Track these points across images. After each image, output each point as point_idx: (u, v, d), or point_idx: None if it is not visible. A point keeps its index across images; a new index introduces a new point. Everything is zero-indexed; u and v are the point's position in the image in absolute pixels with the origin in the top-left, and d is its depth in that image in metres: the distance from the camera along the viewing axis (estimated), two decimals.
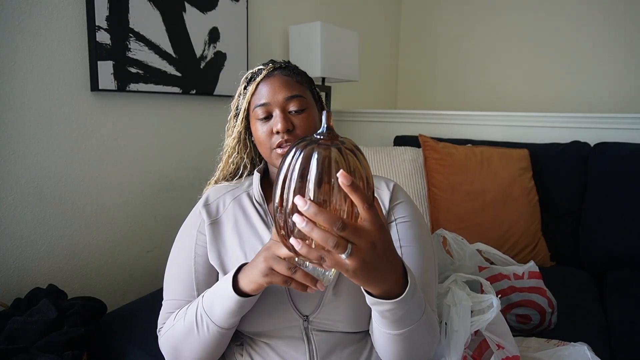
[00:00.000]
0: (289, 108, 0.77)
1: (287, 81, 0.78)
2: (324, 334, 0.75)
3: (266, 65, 0.81)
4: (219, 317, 0.68)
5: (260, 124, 0.78)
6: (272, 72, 0.79)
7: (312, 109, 0.80)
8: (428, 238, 0.81)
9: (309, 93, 0.82)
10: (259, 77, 0.79)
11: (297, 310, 0.73)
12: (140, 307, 1.18)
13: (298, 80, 0.79)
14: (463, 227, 1.61)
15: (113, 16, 1.29)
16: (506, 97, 2.58)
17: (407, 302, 0.58)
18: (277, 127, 0.75)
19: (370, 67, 2.63)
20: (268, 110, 0.77)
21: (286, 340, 0.75)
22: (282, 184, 0.50)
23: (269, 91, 0.77)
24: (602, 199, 1.61)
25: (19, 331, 0.93)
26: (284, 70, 0.80)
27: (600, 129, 1.79)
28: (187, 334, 0.71)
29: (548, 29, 2.40)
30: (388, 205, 0.80)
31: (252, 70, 0.82)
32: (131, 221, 1.46)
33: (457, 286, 0.88)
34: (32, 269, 1.21)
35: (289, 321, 0.74)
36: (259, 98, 0.78)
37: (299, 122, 0.76)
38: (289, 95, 0.77)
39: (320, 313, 0.73)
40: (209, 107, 1.68)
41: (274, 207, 0.52)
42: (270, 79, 0.78)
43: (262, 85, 0.78)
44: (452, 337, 0.78)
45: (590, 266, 1.62)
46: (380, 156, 1.85)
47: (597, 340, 1.12)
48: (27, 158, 1.18)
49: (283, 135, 0.75)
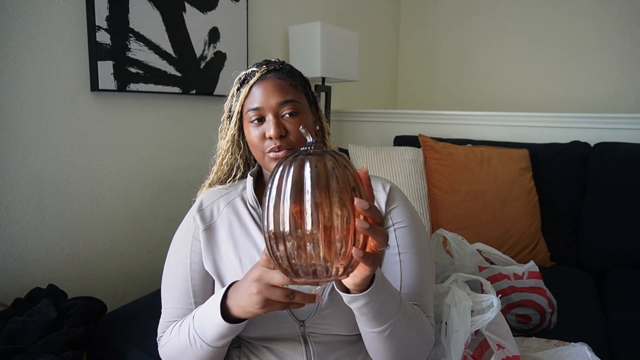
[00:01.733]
0: (282, 112, 0.75)
1: (281, 85, 0.76)
2: (321, 337, 0.75)
3: (259, 66, 0.79)
4: (212, 339, 0.68)
5: (253, 127, 0.76)
6: (265, 75, 0.77)
7: (305, 113, 0.78)
8: (426, 242, 0.81)
9: (303, 96, 0.80)
10: (252, 79, 0.77)
11: (293, 316, 0.73)
12: (140, 307, 1.17)
13: (292, 84, 0.77)
14: (463, 227, 1.61)
15: (113, 16, 1.29)
16: (506, 97, 2.58)
17: (379, 293, 0.60)
18: (270, 132, 0.73)
19: (370, 67, 2.63)
20: (261, 114, 0.76)
21: (284, 342, 0.75)
22: (276, 206, 0.46)
23: (262, 95, 0.75)
24: (602, 199, 1.61)
25: (19, 331, 0.93)
26: (277, 72, 0.78)
27: (600, 129, 1.79)
28: (183, 351, 0.72)
29: (548, 29, 2.40)
30: (385, 209, 0.79)
31: (246, 71, 0.80)
32: (131, 221, 1.46)
33: (458, 286, 0.88)
34: (32, 269, 1.21)
35: (286, 327, 0.74)
36: (252, 102, 0.76)
37: (292, 126, 0.75)
38: (282, 100, 0.75)
39: (316, 318, 0.73)
40: (209, 107, 1.68)
41: (267, 231, 0.48)
42: (263, 82, 0.76)
43: (255, 88, 0.76)
44: (452, 337, 0.78)
45: (590, 266, 1.62)
46: (380, 156, 1.85)
47: (597, 340, 1.12)
48: (27, 158, 1.18)
49: (276, 142, 0.74)
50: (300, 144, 0.75)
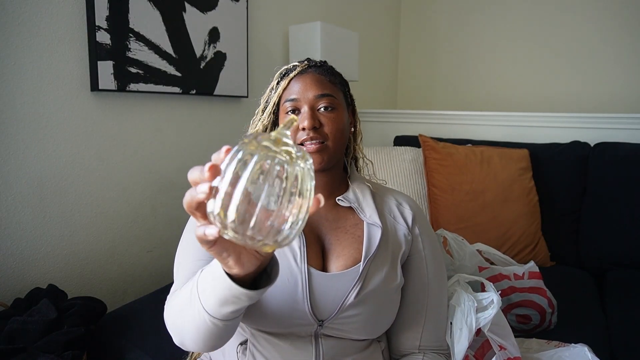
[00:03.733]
0: (318, 106, 0.76)
1: (320, 79, 0.78)
2: (333, 340, 0.74)
3: (302, 62, 0.81)
4: (211, 305, 0.55)
5: None
6: (306, 70, 0.79)
7: (341, 111, 0.79)
8: (444, 267, 0.87)
9: (341, 95, 0.81)
10: (292, 72, 0.79)
11: (313, 316, 0.71)
12: (140, 307, 1.17)
13: (331, 80, 0.79)
14: (463, 227, 1.61)
15: (113, 16, 1.29)
16: (506, 97, 2.58)
17: None
18: (304, 123, 0.74)
19: (370, 67, 2.63)
20: (297, 106, 0.77)
21: (294, 341, 0.73)
22: None
23: (300, 87, 0.77)
24: (602, 199, 1.62)
25: (19, 331, 0.93)
26: (318, 68, 0.80)
27: (600, 129, 1.80)
28: (181, 312, 0.62)
29: (548, 29, 2.40)
30: (411, 234, 0.82)
31: (287, 66, 0.82)
32: (131, 221, 1.46)
33: (460, 286, 0.88)
34: (32, 269, 1.21)
35: (302, 325, 0.72)
36: (290, 93, 0.78)
37: (326, 120, 0.76)
38: (320, 93, 0.76)
39: (336, 319, 0.72)
40: (209, 107, 1.68)
41: None
42: (303, 76, 0.78)
43: (295, 81, 0.78)
44: (456, 336, 0.79)
45: (590, 266, 1.62)
46: (380, 156, 1.85)
47: (597, 340, 1.12)
48: (27, 158, 1.18)
49: (309, 133, 0.74)
50: (334, 140, 0.76)
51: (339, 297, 0.71)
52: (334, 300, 0.71)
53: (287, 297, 0.71)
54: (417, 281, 0.81)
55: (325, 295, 0.72)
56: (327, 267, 0.75)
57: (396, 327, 0.81)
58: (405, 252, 0.80)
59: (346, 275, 0.73)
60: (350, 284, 0.72)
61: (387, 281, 0.75)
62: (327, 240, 0.78)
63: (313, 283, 0.72)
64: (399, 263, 0.78)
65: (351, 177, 0.85)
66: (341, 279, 0.73)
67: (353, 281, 0.72)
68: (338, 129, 0.77)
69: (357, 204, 0.80)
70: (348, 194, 0.81)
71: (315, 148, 0.74)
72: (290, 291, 0.71)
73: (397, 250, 0.79)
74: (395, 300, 0.78)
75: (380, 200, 0.84)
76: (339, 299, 0.71)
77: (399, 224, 0.81)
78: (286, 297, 0.71)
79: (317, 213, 0.79)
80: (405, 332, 0.80)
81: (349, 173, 0.86)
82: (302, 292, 0.71)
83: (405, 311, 0.80)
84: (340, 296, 0.71)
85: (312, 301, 0.71)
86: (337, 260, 0.75)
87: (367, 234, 0.76)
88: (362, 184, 0.84)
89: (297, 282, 0.71)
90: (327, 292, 0.72)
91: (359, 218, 0.80)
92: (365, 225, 0.78)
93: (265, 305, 0.70)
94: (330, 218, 0.80)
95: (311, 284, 0.72)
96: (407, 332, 0.80)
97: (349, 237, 0.78)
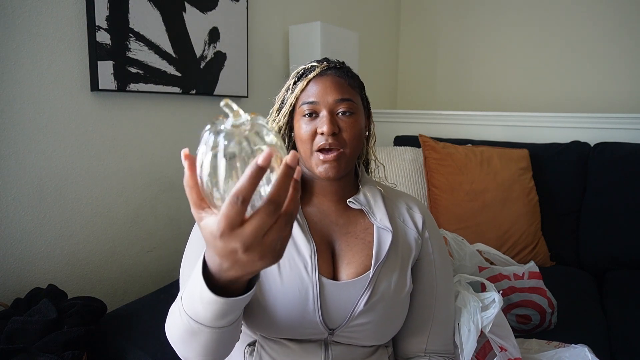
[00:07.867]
0: (337, 110, 0.74)
1: (340, 83, 0.75)
2: (342, 347, 0.74)
3: (320, 62, 0.78)
4: (209, 320, 0.54)
5: (305, 122, 0.74)
6: (325, 71, 0.76)
7: (360, 115, 0.77)
8: (452, 271, 0.86)
9: (359, 99, 0.79)
10: (311, 74, 0.76)
11: (324, 325, 0.71)
12: (140, 307, 1.17)
13: (350, 84, 0.76)
14: (463, 227, 1.61)
15: (113, 16, 1.29)
16: (506, 97, 2.58)
17: None
18: (323, 128, 0.71)
19: (370, 67, 2.63)
20: (315, 109, 0.74)
21: (305, 345, 0.73)
22: None
23: (320, 90, 0.74)
24: (602, 198, 1.62)
25: (19, 331, 0.93)
26: (337, 70, 0.77)
27: (600, 129, 1.80)
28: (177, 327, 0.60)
29: (548, 29, 2.41)
30: (421, 238, 0.81)
31: (305, 65, 0.79)
32: (131, 221, 1.46)
33: (461, 287, 0.88)
34: (32, 269, 1.21)
35: (313, 334, 0.72)
36: (308, 95, 0.75)
37: (345, 125, 0.73)
38: (340, 97, 0.73)
39: (346, 327, 0.71)
40: (209, 107, 1.68)
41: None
42: (322, 78, 0.75)
43: (313, 83, 0.75)
44: (464, 336, 0.79)
45: (590, 266, 1.62)
46: (380, 156, 1.84)
47: (597, 340, 1.12)
48: (27, 158, 1.18)
49: (327, 139, 0.72)
50: (352, 147, 0.74)
51: (350, 305, 0.71)
52: (345, 308, 0.71)
53: (298, 307, 0.70)
54: (426, 285, 0.80)
55: (336, 304, 0.71)
56: (337, 274, 0.75)
57: (403, 331, 0.80)
58: (415, 256, 0.80)
59: (356, 283, 0.72)
60: (360, 292, 0.71)
61: (396, 288, 0.74)
62: (337, 246, 0.77)
63: (324, 293, 0.71)
64: (409, 268, 0.78)
65: (362, 180, 0.83)
66: (352, 287, 0.72)
67: (363, 289, 0.72)
68: (356, 135, 0.75)
69: (367, 207, 0.78)
70: (359, 196, 0.80)
71: (334, 157, 0.72)
72: (301, 302, 0.70)
73: (407, 254, 0.78)
74: (405, 306, 0.77)
75: (391, 203, 0.83)
76: (349, 307, 0.71)
77: (409, 228, 0.81)
78: (297, 307, 0.69)
79: (327, 218, 0.79)
80: (412, 337, 0.80)
81: (360, 176, 0.85)
82: (314, 303, 0.70)
83: (413, 315, 0.80)
84: (351, 304, 0.71)
85: (323, 311, 0.70)
86: (348, 267, 0.75)
87: (377, 239, 0.75)
88: (374, 187, 0.82)
89: (308, 292, 0.70)
90: (338, 301, 0.71)
91: (369, 222, 0.78)
92: (375, 229, 0.77)
93: (275, 315, 0.69)
94: (341, 223, 0.79)
95: (322, 294, 0.71)
96: (414, 337, 0.80)
97: (359, 242, 0.77)
